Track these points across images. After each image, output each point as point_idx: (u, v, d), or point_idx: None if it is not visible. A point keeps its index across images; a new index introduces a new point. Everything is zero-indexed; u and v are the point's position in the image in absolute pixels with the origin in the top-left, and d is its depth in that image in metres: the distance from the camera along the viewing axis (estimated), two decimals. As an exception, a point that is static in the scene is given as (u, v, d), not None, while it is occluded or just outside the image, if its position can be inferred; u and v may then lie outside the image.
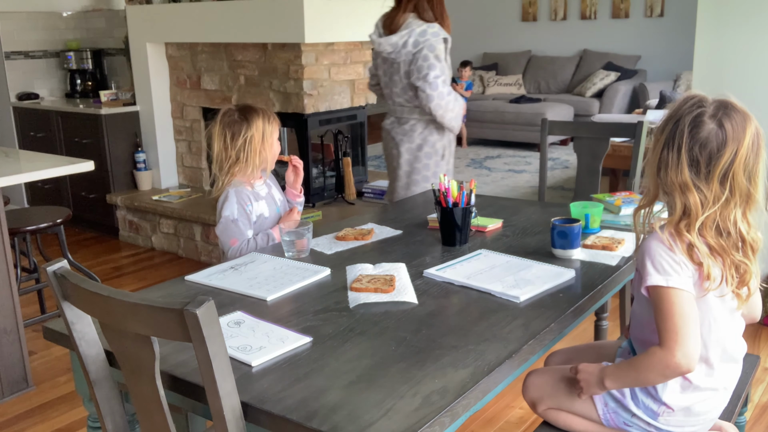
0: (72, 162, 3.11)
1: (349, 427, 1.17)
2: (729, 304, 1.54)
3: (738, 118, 1.45)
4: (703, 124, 1.44)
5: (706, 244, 1.47)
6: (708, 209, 1.45)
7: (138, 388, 1.36)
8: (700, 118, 1.45)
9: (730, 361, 1.61)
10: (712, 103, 1.47)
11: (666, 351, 1.44)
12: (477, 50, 9.65)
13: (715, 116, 1.45)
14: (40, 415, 2.77)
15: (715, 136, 1.44)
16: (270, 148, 2.41)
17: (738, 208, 1.46)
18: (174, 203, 4.63)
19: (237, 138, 2.34)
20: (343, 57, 4.30)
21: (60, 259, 1.41)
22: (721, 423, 1.70)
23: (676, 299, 1.44)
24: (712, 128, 1.44)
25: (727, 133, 1.43)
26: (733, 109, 1.46)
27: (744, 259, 1.49)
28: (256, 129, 2.36)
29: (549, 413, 1.74)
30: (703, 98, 1.49)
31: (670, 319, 1.44)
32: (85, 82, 5.67)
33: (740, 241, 1.48)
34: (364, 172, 4.77)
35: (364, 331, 1.54)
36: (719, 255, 1.47)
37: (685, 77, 7.35)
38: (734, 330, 1.60)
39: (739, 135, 1.43)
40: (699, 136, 1.44)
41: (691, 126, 1.45)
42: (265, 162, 2.41)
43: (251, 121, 2.36)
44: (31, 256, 3.69)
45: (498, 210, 2.53)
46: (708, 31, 3.29)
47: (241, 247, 2.31)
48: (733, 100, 1.49)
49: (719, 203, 1.45)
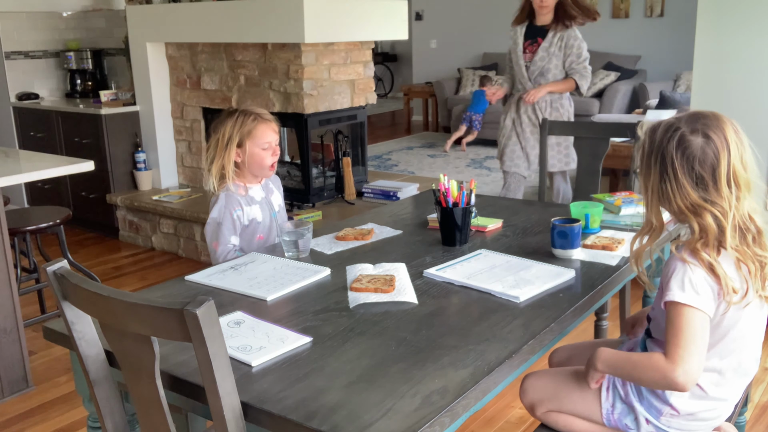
0: (72, 162, 3.11)
1: (349, 427, 1.17)
2: (753, 308, 1.53)
3: (714, 123, 1.47)
4: (690, 143, 1.45)
5: (734, 251, 1.46)
6: (729, 216, 1.45)
7: (138, 388, 1.36)
8: (684, 138, 1.46)
9: (743, 375, 1.62)
10: (681, 120, 1.49)
11: (669, 363, 1.43)
12: (477, 50, 9.64)
13: (695, 131, 1.46)
14: (40, 415, 2.77)
15: (707, 147, 1.45)
16: (250, 150, 2.32)
17: (747, 200, 1.48)
18: (174, 203, 4.63)
19: (220, 135, 2.31)
20: (343, 57, 4.30)
21: (60, 259, 1.41)
22: (721, 423, 1.70)
23: (689, 317, 1.44)
24: (700, 142, 1.45)
25: (715, 141, 1.45)
26: (705, 117, 1.48)
27: (764, 252, 1.49)
28: (233, 127, 2.30)
29: (548, 416, 1.73)
30: (670, 122, 1.50)
31: (680, 335, 1.43)
32: (85, 82, 5.67)
33: (757, 234, 1.49)
34: (364, 172, 4.77)
35: (364, 331, 1.54)
36: (744, 263, 1.47)
37: (685, 77, 7.35)
38: (754, 343, 1.60)
39: (724, 137, 1.45)
40: (693, 155, 1.45)
41: (680, 149, 1.46)
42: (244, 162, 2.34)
43: (229, 120, 2.31)
44: (31, 256, 3.69)
45: (498, 210, 2.53)
46: (708, 31, 3.29)
47: (227, 253, 2.31)
48: (697, 109, 1.51)
49: (734, 205, 1.45)
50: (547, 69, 3.92)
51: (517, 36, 4.06)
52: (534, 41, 3.98)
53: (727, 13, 3.24)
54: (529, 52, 4.00)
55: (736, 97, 3.26)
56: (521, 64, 4.01)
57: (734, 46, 3.25)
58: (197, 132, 4.86)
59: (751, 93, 3.22)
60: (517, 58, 4.04)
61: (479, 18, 9.61)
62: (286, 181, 4.54)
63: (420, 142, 8.84)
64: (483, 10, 9.58)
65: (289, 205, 4.36)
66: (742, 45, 3.22)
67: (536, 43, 3.96)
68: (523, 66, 4.01)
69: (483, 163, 7.41)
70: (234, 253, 2.31)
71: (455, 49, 9.78)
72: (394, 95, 12.89)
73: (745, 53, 3.23)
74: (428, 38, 10.35)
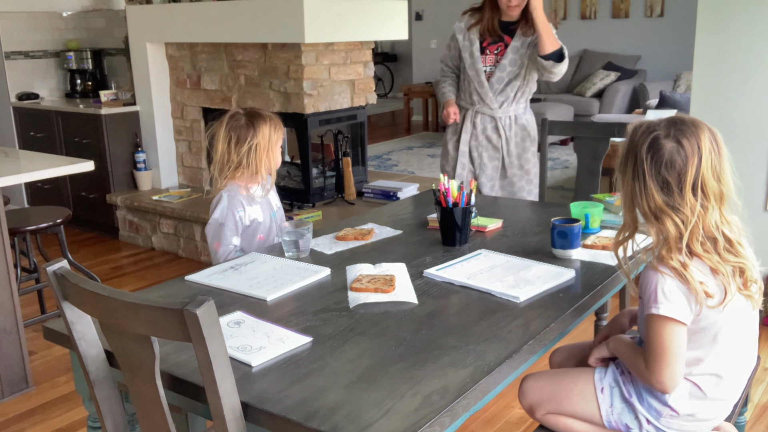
0: (72, 162, 3.11)
1: (349, 427, 1.17)
2: (740, 311, 1.54)
3: (691, 129, 1.47)
4: (662, 146, 1.47)
5: (701, 263, 1.48)
6: (690, 224, 1.46)
7: (138, 388, 1.36)
8: (656, 141, 1.47)
9: (741, 374, 1.63)
10: (660, 123, 1.50)
11: (648, 371, 1.52)
12: (477, 50, 9.64)
13: (669, 135, 1.47)
14: (40, 415, 2.77)
15: (676, 153, 1.46)
16: (273, 155, 2.37)
17: (715, 211, 1.48)
18: (174, 203, 4.63)
19: (242, 144, 2.30)
20: (343, 57, 4.30)
21: (60, 259, 1.41)
22: (720, 423, 1.70)
23: (662, 329, 1.47)
24: (672, 146, 1.46)
25: (685, 147, 1.45)
26: (683, 123, 1.49)
27: (738, 259, 1.50)
28: (262, 136, 2.31)
29: (548, 418, 1.73)
30: (650, 123, 1.51)
31: (656, 347, 1.49)
32: (85, 82, 5.67)
33: (727, 243, 1.49)
34: (364, 172, 4.77)
35: (364, 331, 1.55)
36: (714, 271, 1.48)
37: (685, 77, 7.35)
38: (747, 338, 1.61)
39: (697, 144, 1.46)
40: (662, 159, 1.46)
41: (651, 151, 1.47)
42: (268, 169, 2.38)
43: (258, 128, 2.31)
44: (31, 256, 3.69)
45: (498, 210, 2.53)
46: (708, 31, 3.29)
47: (228, 254, 2.31)
48: (680, 114, 1.52)
49: (696, 214, 1.46)
50: (518, 75, 3.20)
51: (471, 33, 3.25)
52: (497, 39, 3.21)
53: (727, 13, 3.24)
54: (491, 53, 3.22)
55: (736, 97, 3.26)
56: (479, 68, 3.22)
57: (734, 46, 3.25)
58: (197, 132, 4.86)
59: (751, 93, 3.22)
60: (473, 61, 3.23)
61: (479, 18, 9.61)
62: (286, 181, 4.54)
63: (420, 142, 8.84)
64: (483, 10, 9.58)
65: (289, 205, 4.36)
66: (742, 45, 3.22)
67: (500, 42, 3.20)
68: (481, 71, 3.22)
69: (483, 163, 7.41)
70: (235, 254, 2.31)
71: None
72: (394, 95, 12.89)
73: (745, 53, 3.23)
74: (428, 38, 10.35)
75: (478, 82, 3.22)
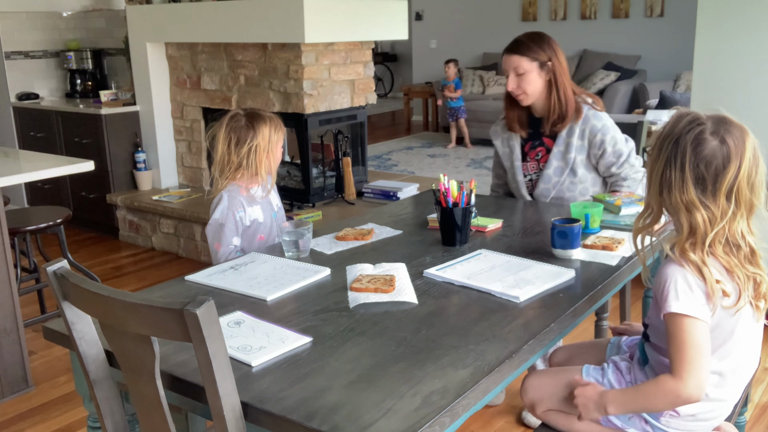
0: (72, 162, 3.11)
1: (349, 427, 1.17)
2: (747, 317, 1.54)
3: (737, 133, 1.46)
4: (706, 142, 1.44)
5: (718, 263, 1.47)
6: (716, 225, 1.45)
7: (138, 388, 1.36)
8: (701, 135, 1.45)
9: (742, 375, 1.62)
10: (708, 119, 1.47)
11: (678, 381, 1.44)
12: (477, 50, 9.65)
13: (716, 133, 1.45)
14: (40, 415, 2.77)
15: (719, 152, 1.44)
16: (273, 156, 2.38)
17: (743, 220, 1.47)
18: (174, 203, 4.63)
19: (242, 145, 2.30)
20: (343, 57, 4.30)
21: (60, 259, 1.41)
22: (720, 423, 1.70)
23: (689, 329, 1.43)
24: (715, 145, 1.44)
25: (730, 148, 1.44)
26: (731, 125, 1.47)
27: (757, 270, 1.49)
28: (262, 138, 2.31)
29: (548, 415, 1.74)
30: (698, 115, 1.49)
31: (684, 349, 1.43)
32: (85, 82, 5.67)
33: (750, 253, 1.48)
34: (364, 172, 4.77)
35: (364, 331, 1.54)
36: (730, 273, 1.47)
37: (685, 77, 7.36)
38: (751, 344, 1.60)
39: (741, 149, 1.44)
40: (703, 154, 1.44)
41: (694, 144, 1.45)
42: (268, 170, 2.38)
43: (258, 129, 2.31)
44: (31, 256, 3.70)
45: (498, 210, 2.53)
46: (708, 31, 3.29)
47: (228, 254, 2.31)
48: (728, 115, 1.50)
49: (726, 218, 1.45)
50: (568, 183, 2.62)
51: (512, 138, 2.71)
52: (538, 143, 2.66)
53: (727, 13, 3.24)
54: (531, 158, 2.69)
55: (736, 97, 3.26)
56: (520, 180, 2.70)
57: (734, 46, 3.25)
58: (197, 132, 4.86)
59: (751, 93, 3.22)
60: (514, 171, 2.71)
61: (479, 18, 9.62)
62: (286, 181, 4.54)
63: (420, 142, 8.85)
64: (483, 10, 9.59)
65: (289, 205, 4.36)
66: (742, 45, 3.22)
67: (540, 146, 2.65)
68: (523, 183, 2.70)
69: (483, 163, 7.41)
70: (235, 254, 2.31)
71: (455, 49, 9.78)
72: (394, 95, 12.89)
73: (745, 53, 3.23)
74: (428, 38, 10.35)
75: (519, 196, 2.73)
